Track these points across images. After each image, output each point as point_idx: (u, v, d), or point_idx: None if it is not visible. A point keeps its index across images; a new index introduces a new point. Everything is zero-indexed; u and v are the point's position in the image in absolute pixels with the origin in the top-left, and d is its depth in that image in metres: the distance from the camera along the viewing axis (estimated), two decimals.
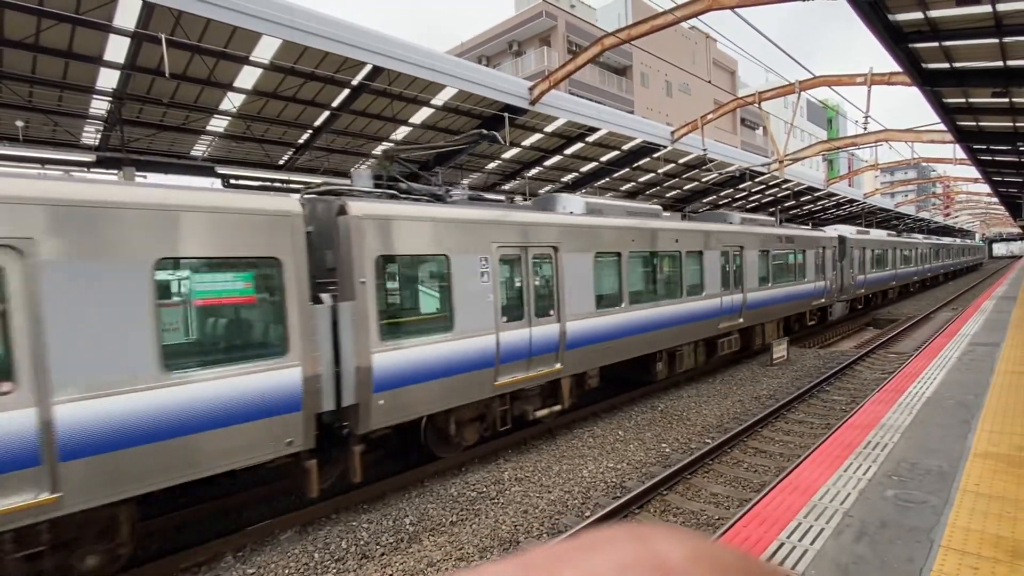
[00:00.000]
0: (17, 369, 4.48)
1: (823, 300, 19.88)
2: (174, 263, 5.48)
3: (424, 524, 6.70)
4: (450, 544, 6.23)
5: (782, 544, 4.39)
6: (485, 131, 9.66)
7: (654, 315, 11.48)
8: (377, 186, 7.89)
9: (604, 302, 10.15)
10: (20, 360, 4.50)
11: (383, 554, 6.10)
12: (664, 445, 9.25)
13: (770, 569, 0.37)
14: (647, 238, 11.51)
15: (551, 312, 9.05)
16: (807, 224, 33.01)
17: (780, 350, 15.16)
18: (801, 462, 6.34)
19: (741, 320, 14.62)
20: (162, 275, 5.35)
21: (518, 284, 8.65)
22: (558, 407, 9.44)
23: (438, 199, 8.31)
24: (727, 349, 14.37)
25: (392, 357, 6.84)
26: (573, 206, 10.49)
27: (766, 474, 7.96)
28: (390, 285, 7.30)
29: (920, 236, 40.32)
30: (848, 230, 23.89)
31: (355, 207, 6.65)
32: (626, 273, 10.71)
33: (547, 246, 8.99)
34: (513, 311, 8.45)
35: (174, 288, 5.70)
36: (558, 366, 9.11)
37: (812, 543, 4.35)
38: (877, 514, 4.75)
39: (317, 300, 6.29)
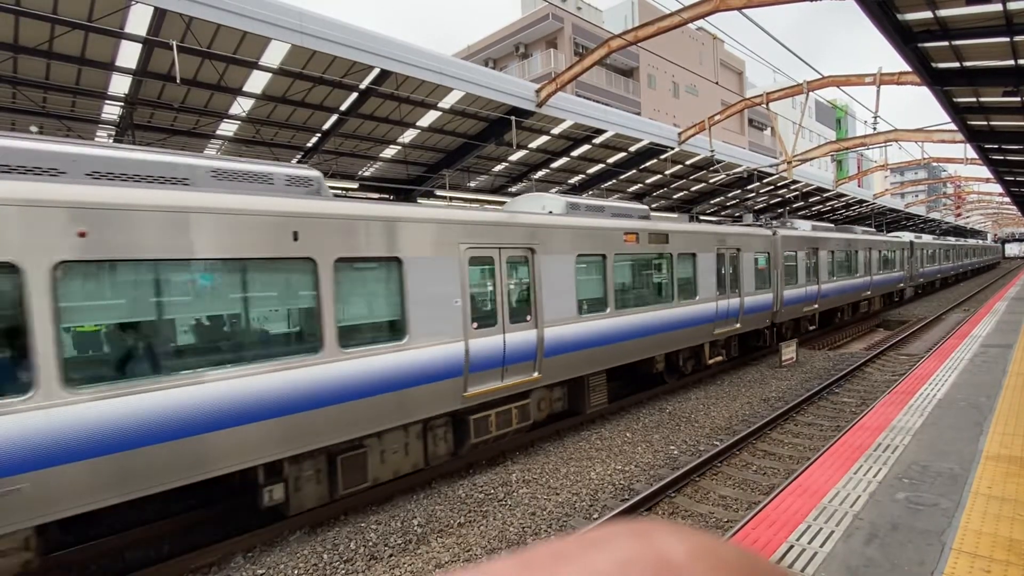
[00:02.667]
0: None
1: (902, 285, 29.70)
2: (760, 255, 15.24)
3: (432, 525, 6.72)
4: (458, 546, 6.25)
5: (791, 546, 4.37)
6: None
7: (848, 284, 21.65)
8: (757, 219, 18.58)
9: (833, 275, 20.10)
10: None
11: (391, 555, 6.12)
12: (672, 447, 9.22)
13: (773, 567, 0.37)
14: (850, 243, 21.73)
15: (813, 277, 18.38)
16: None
17: (789, 352, 15.07)
18: (810, 464, 6.30)
19: (869, 292, 24.17)
20: (756, 258, 15.05)
21: (805, 264, 17.95)
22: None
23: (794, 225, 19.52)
24: (861, 309, 24.25)
25: (787, 293, 16.43)
26: (805, 226, 19.65)
27: (775, 476, 7.92)
28: (786, 263, 16.59)
29: (953, 239, 48.90)
30: (909, 236, 32.39)
31: (779, 231, 16.44)
32: (839, 261, 20.78)
33: (814, 248, 18.44)
34: (800, 279, 17.50)
35: (757, 263, 15.19)
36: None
37: (822, 546, 4.33)
38: (888, 517, 4.72)
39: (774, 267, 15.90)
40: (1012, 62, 8.80)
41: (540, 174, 21.07)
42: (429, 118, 14.94)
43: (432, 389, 7.27)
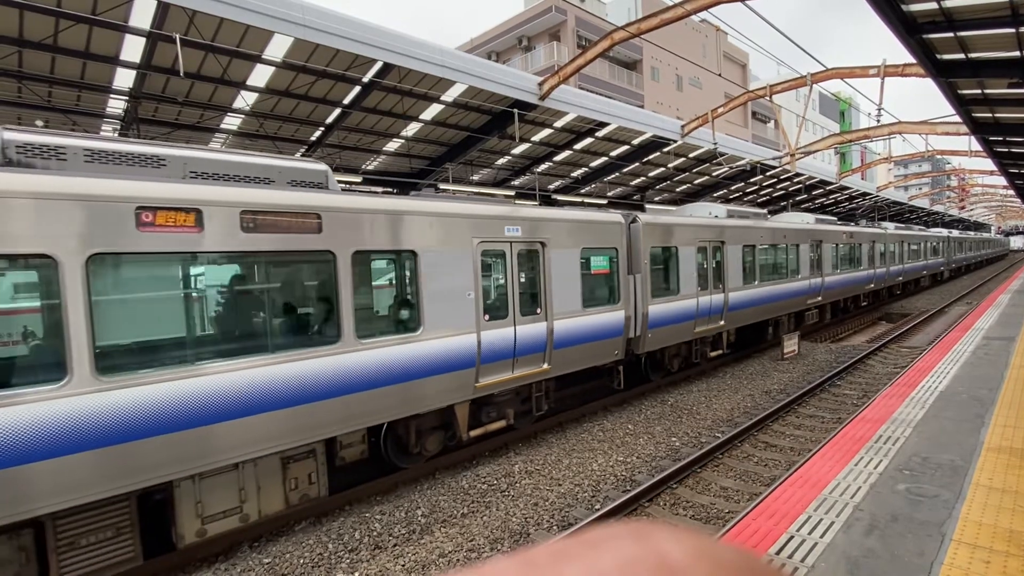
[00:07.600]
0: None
1: (943, 268, 38.65)
2: (881, 245, 24.79)
3: (436, 516, 6.79)
4: (461, 536, 6.32)
5: (792, 537, 4.41)
6: None
7: (916, 265, 30.68)
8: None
9: (909, 258, 29.35)
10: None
11: (396, 545, 6.19)
12: (674, 439, 9.27)
13: (772, 568, 0.37)
14: (917, 238, 31.02)
15: (899, 260, 27.67)
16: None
17: (791, 344, 15.09)
18: (811, 456, 6.33)
19: (925, 272, 33.20)
20: (880, 247, 24.74)
21: (898, 252, 27.49)
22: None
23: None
24: (921, 283, 33.88)
25: (891, 269, 26.22)
26: (891, 226, 27.61)
27: (776, 468, 7.96)
28: (890, 250, 26.32)
29: (973, 233, 59.83)
30: (946, 231, 41.32)
31: (887, 230, 26.46)
32: (912, 249, 29.63)
33: (900, 241, 27.63)
34: (896, 261, 27.12)
35: (881, 249, 25.27)
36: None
37: (822, 536, 4.37)
38: (888, 508, 4.75)
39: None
40: (1018, 53, 8.75)
41: (543, 167, 21.04)
42: (432, 111, 14.92)
43: None
